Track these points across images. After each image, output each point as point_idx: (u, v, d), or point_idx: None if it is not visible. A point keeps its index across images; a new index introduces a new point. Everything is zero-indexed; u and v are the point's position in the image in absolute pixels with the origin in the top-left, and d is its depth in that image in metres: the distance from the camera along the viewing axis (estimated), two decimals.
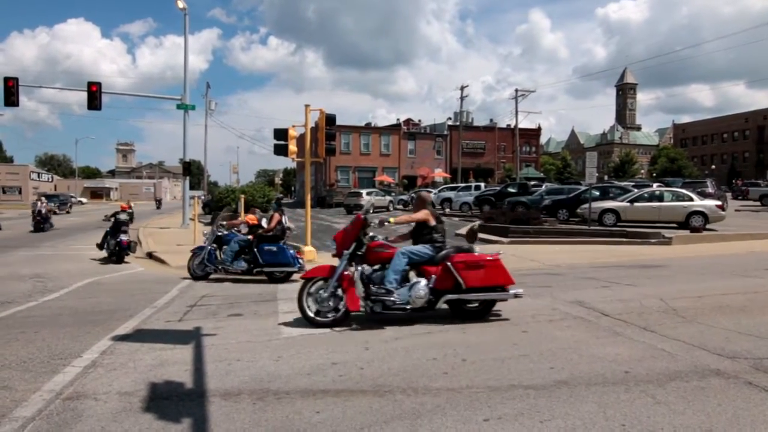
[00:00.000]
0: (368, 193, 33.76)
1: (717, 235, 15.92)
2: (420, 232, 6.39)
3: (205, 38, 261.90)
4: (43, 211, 23.08)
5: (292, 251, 9.89)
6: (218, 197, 28.09)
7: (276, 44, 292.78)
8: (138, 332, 5.82)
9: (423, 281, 6.06)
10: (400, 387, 3.90)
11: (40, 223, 22.85)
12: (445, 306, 6.08)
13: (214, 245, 10.28)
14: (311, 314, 5.96)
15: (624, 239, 15.31)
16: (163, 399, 3.77)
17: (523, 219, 17.57)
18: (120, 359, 4.73)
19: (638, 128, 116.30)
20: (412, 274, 6.21)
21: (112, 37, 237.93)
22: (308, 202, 13.38)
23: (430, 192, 26.76)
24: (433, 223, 6.36)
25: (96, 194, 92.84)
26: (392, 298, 5.97)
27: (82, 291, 8.82)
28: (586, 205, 17.60)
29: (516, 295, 6.07)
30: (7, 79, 18.84)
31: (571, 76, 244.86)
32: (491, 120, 63.66)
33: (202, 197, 39.99)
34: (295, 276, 9.21)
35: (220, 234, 10.40)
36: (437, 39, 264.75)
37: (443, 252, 6.20)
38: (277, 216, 10.18)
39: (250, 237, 10.10)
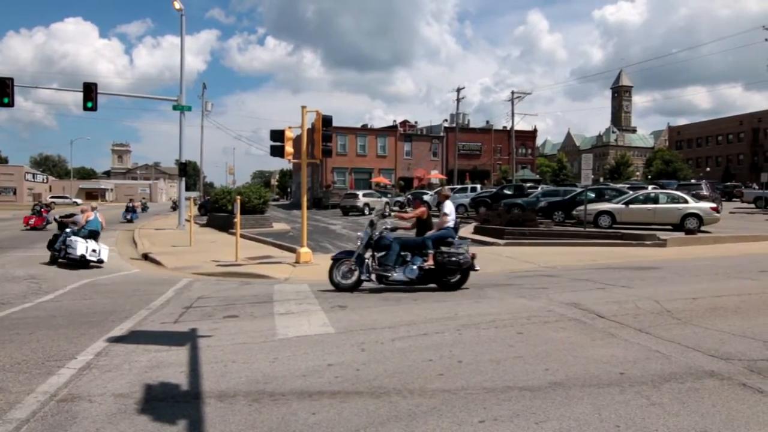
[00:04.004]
0: (365, 195, 33.79)
1: (711, 237, 16.01)
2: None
3: (203, 39, 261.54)
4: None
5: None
6: (214, 198, 28.01)
7: (274, 45, 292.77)
8: (133, 334, 5.80)
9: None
10: (396, 388, 3.90)
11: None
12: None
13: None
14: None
15: (619, 241, 15.37)
16: (159, 401, 3.76)
17: (518, 221, 17.61)
18: (115, 361, 4.71)
19: (633, 130, 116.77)
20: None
21: (109, 37, 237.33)
22: (304, 204, 13.38)
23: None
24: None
25: (91, 195, 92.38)
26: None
27: (77, 292, 8.78)
28: (582, 207, 17.67)
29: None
30: (2, 80, 18.75)
31: (568, 78, 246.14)
32: (487, 122, 63.90)
33: (198, 198, 39.88)
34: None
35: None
36: (436, 40, 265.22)
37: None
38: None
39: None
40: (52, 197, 70.86)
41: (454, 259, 8.20)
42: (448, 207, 9.05)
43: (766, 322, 5.77)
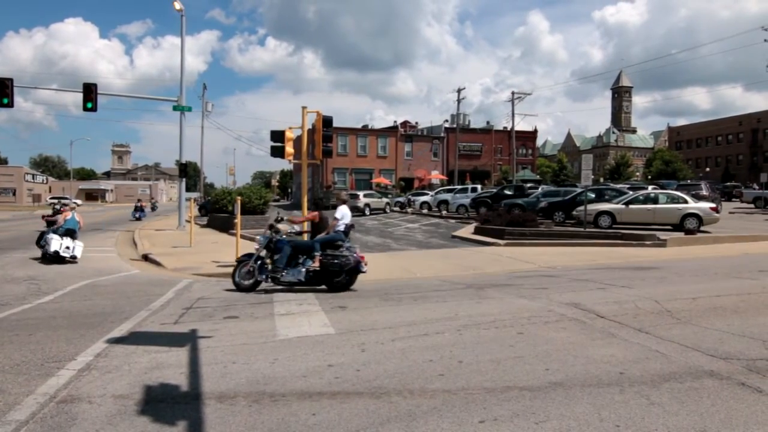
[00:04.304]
0: (366, 195, 33.74)
1: (711, 237, 16.02)
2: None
3: (204, 40, 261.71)
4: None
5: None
6: (214, 199, 28.00)
7: (274, 45, 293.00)
8: (133, 335, 5.80)
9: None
10: (396, 389, 3.90)
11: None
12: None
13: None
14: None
15: (619, 241, 15.38)
16: (159, 402, 3.76)
17: (519, 221, 17.62)
18: (115, 362, 4.71)
19: (633, 131, 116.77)
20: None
21: (109, 38, 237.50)
22: (305, 204, 13.38)
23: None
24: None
25: (91, 196, 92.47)
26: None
27: (77, 293, 8.78)
28: (582, 207, 17.68)
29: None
30: (2, 80, 18.76)
31: (568, 78, 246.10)
32: (488, 122, 63.94)
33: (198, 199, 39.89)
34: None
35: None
36: (437, 41, 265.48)
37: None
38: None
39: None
40: (51, 198, 71.64)
41: (336, 261, 8.52)
42: (340, 212, 9.38)
43: (766, 322, 5.77)
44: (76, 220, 13.65)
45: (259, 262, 8.76)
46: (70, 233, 13.16)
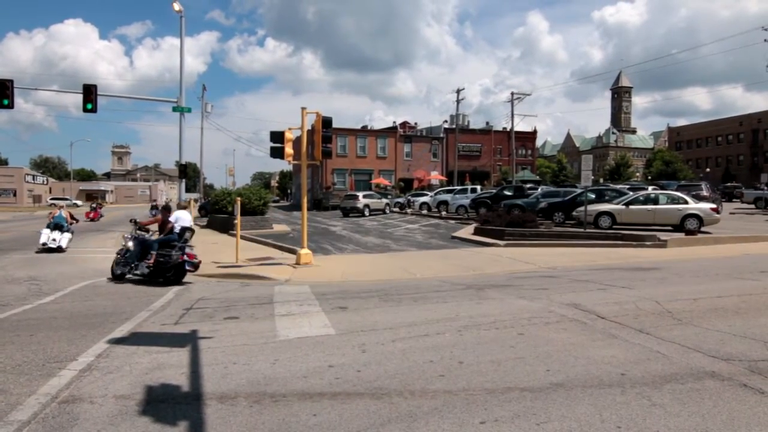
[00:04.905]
0: (365, 196, 33.75)
1: (712, 237, 16.01)
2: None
3: (203, 41, 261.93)
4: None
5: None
6: (214, 199, 28.01)
7: (274, 46, 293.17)
8: (134, 335, 5.81)
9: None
10: (397, 389, 3.90)
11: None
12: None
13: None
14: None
15: (619, 242, 15.37)
16: (160, 402, 3.76)
17: (519, 222, 17.61)
18: (116, 362, 4.71)
19: (633, 131, 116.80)
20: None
21: (109, 39, 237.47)
22: (305, 205, 13.38)
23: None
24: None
25: (91, 197, 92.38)
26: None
27: (78, 294, 8.78)
28: (582, 208, 17.67)
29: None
30: (2, 82, 18.76)
31: (568, 79, 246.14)
32: (487, 123, 63.91)
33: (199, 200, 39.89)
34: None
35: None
36: (436, 41, 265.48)
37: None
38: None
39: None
40: (51, 199, 72.41)
41: (162, 259, 9.82)
42: (174, 216, 10.86)
43: (767, 323, 5.77)
44: (63, 216, 16.04)
45: (127, 255, 10.16)
46: (58, 227, 15.59)
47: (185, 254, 9.83)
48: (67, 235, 15.60)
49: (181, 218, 10.74)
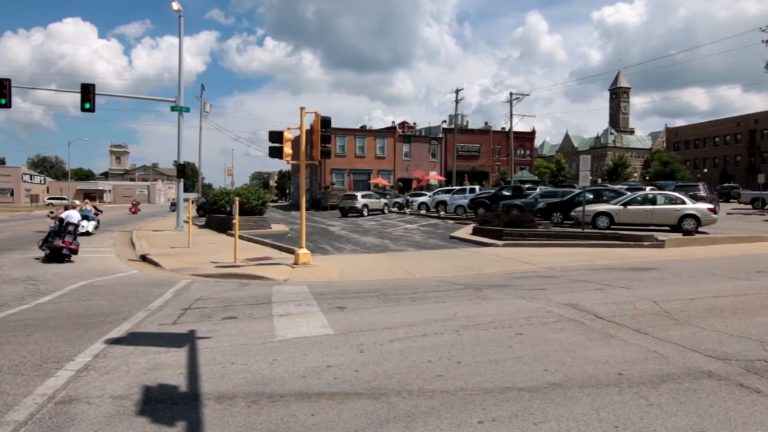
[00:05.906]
0: (364, 196, 33.72)
1: (709, 237, 16.05)
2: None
3: (202, 40, 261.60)
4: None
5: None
6: (212, 199, 27.98)
7: (273, 46, 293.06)
8: (132, 335, 5.80)
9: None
10: (395, 389, 3.90)
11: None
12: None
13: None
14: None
15: (617, 242, 15.40)
16: (157, 402, 3.75)
17: (517, 222, 17.62)
18: (113, 363, 4.71)
19: (631, 132, 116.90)
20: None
21: (108, 38, 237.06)
22: (303, 205, 13.38)
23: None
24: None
25: (89, 196, 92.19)
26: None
27: (75, 294, 8.76)
28: (580, 208, 17.70)
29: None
30: (0, 81, 18.71)
31: (567, 79, 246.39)
32: (486, 123, 63.94)
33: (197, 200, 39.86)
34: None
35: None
36: (435, 41, 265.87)
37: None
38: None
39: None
40: (49, 198, 73.10)
41: (46, 245, 13.39)
42: (65, 213, 14.03)
43: (764, 323, 5.79)
44: (89, 209, 22.09)
45: (48, 238, 13.45)
46: (85, 217, 19.63)
47: (63, 242, 12.99)
48: (92, 223, 20.65)
49: (69, 215, 13.89)
